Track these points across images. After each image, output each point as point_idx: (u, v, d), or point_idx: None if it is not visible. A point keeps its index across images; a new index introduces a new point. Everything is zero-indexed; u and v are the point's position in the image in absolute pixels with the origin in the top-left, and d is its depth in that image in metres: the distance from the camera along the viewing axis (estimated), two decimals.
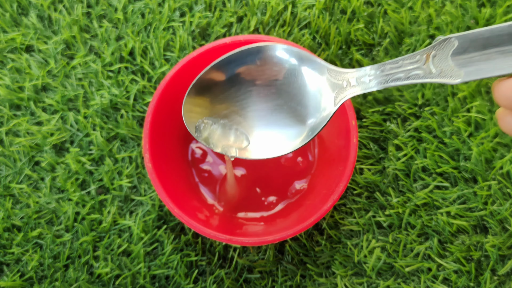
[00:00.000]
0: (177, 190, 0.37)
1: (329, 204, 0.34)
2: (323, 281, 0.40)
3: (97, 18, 0.47)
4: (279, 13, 0.47)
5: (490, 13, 0.45)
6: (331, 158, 0.39)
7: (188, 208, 0.36)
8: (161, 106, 0.37)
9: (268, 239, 0.34)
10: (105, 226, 0.41)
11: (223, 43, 0.38)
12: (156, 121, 0.37)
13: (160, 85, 0.37)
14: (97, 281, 0.41)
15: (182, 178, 0.40)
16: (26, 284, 0.41)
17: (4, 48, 0.47)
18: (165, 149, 0.38)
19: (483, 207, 0.41)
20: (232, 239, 0.34)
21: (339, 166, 0.36)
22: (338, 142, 0.38)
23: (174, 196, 0.36)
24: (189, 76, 0.38)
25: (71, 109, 0.45)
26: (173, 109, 0.39)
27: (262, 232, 0.37)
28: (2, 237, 0.42)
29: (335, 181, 0.35)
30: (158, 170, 0.36)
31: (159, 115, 0.37)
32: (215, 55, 0.37)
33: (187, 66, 0.38)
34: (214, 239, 0.34)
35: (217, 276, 0.40)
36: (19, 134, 0.44)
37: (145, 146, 0.36)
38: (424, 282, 0.39)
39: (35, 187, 0.43)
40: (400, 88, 0.44)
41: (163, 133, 0.38)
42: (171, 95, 0.38)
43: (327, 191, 0.35)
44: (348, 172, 0.34)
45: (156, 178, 0.35)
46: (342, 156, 0.36)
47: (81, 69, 0.46)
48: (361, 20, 0.46)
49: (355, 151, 0.35)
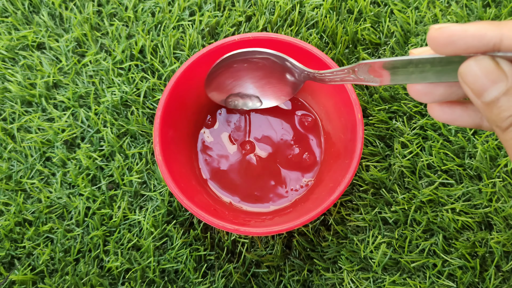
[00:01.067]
0: (186, 182, 0.38)
1: (336, 195, 0.34)
2: (330, 276, 0.41)
3: (107, 16, 0.48)
4: (287, 12, 0.47)
5: (495, 13, 0.46)
6: (338, 152, 0.40)
7: (197, 199, 0.37)
8: (172, 100, 0.38)
9: (275, 229, 0.34)
10: (115, 221, 0.42)
11: (232, 40, 0.38)
12: (167, 115, 0.38)
13: (171, 80, 0.38)
14: (107, 275, 0.41)
15: (191, 170, 0.41)
16: (37, 278, 0.41)
17: (16, 46, 0.47)
18: (174, 142, 0.39)
19: (487, 204, 0.41)
20: (240, 229, 0.34)
21: (345, 160, 0.37)
22: (344, 136, 0.39)
23: (183, 187, 0.36)
24: (200, 71, 0.39)
25: (82, 106, 0.46)
26: (183, 103, 0.40)
27: (269, 224, 0.37)
28: (14, 232, 0.42)
29: (342, 174, 0.36)
30: (167, 162, 0.36)
31: (169, 109, 0.38)
32: (225, 52, 0.38)
33: (198, 62, 0.38)
34: (222, 229, 0.34)
35: (226, 271, 0.41)
36: (30, 130, 0.45)
37: (155, 139, 0.36)
38: (429, 278, 0.40)
39: (46, 182, 0.44)
40: (405, 86, 0.45)
41: (173, 126, 0.39)
42: (182, 89, 0.39)
43: (334, 184, 0.36)
44: (355, 165, 0.35)
45: (166, 169, 0.36)
46: (348, 149, 0.37)
47: (92, 67, 0.46)
48: (367, 20, 0.47)
49: (361, 144, 0.35)
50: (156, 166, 0.44)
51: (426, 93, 0.25)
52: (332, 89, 0.40)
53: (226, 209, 0.40)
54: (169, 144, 0.38)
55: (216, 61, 0.37)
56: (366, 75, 0.28)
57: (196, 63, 0.39)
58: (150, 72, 0.46)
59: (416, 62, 0.24)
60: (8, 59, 0.47)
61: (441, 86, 0.25)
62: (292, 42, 0.39)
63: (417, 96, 0.26)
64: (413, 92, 0.26)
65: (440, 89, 0.25)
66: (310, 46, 0.39)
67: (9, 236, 0.42)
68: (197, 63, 0.39)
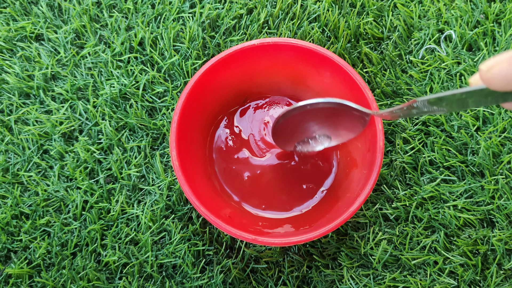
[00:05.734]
0: (201, 188, 0.37)
1: (356, 206, 0.33)
2: (329, 273, 0.40)
3: (107, 8, 0.47)
4: (289, 5, 0.47)
5: (500, 8, 0.45)
6: (354, 161, 0.39)
7: (212, 206, 0.36)
8: (188, 105, 0.37)
9: (293, 240, 0.33)
10: (113, 215, 0.42)
11: (251, 45, 0.37)
12: (183, 120, 0.36)
13: (186, 87, 0.37)
14: (104, 269, 0.41)
15: (206, 175, 0.40)
16: (33, 272, 0.41)
17: (14, 37, 0.47)
18: (190, 147, 0.38)
19: (490, 201, 0.41)
20: (257, 239, 0.33)
21: (363, 169, 0.36)
22: (362, 146, 0.38)
23: (199, 194, 0.35)
24: (217, 75, 0.38)
25: (80, 98, 0.45)
26: (200, 109, 0.39)
27: (285, 233, 0.36)
28: (10, 225, 0.42)
29: (360, 185, 0.34)
30: (184, 168, 0.35)
31: (186, 114, 0.37)
32: (243, 56, 0.37)
33: (216, 66, 0.37)
34: (240, 238, 0.33)
35: (224, 266, 0.41)
36: (28, 123, 0.45)
37: (172, 144, 0.35)
38: (430, 275, 0.40)
39: (43, 175, 0.43)
40: (408, 82, 0.44)
41: (189, 132, 0.38)
42: (198, 94, 0.38)
43: (351, 194, 0.35)
44: (374, 176, 0.34)
45: (183, 177, 0.34)
46: (366, 160, 0.36)
47: (90, 59, 0.46)
48: (370, 14, 0.46)
49: (381, 155, 0.34)
50: (155, 160, 0.43)
51: None
52: (352, 99, 0.38)
53: (240, 214, 0.39)
54: (184, 148, 0.37)
55: (280, 115, 0.35)
56: (427, 107, 0.27)
57: (215, 67, 0.37)
58: (150, 65, 0.46)
59: (465, 96, 0.24)
60: (6, 50, 0.47)
61: None
62: (315, 50, 0.37)
63: None
64: None
65: None
66: (337, 58, 0.37)
67: (6, 229, 0.42)
68: (215, 66, 0.37)
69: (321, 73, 0.39)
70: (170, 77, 0.45)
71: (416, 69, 0.45)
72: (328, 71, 0.38)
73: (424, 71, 0.45)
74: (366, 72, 0.45)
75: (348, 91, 0.37)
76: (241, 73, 0.40)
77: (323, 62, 0.37)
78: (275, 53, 0.38)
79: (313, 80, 0.40)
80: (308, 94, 0.42)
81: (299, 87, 0.42)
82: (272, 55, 0.38)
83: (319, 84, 0.40)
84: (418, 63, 0.45)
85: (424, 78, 0.44)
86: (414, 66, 0.45)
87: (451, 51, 0.44)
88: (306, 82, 0.41)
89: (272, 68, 0.40)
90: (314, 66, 0.38)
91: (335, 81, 0.38)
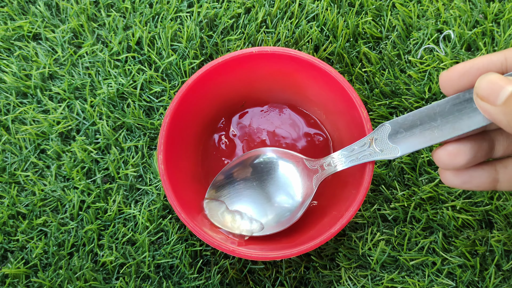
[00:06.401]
0: (188, 194, 0.37)
1: (337, 227, 0.33)
2: (327, 273, 0.40)
3: (104, 7, 0.47)
4: (287, 4, 0.47)
5: (499, 7, 0.45)
6: (345, 178, 0.38)
7: (197, 212, 0.36)
8: (180, 110, 0.36)
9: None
10: (110, 215, 0.41)
11: (249, 52, 0.37)
12: (174, 124, 0.36)
13: (180, 90, 0.36)
14: (101, 270, 0.41)
15: (196, 179, 0.40)
16: (30, 272, 0.41)
17: (11, 36, 0.47)
18: (180, 151, 0.38)
19: (488, 202, 0.41)
20: (235, 250, 0.33)
21: (352, 190, 0.35)
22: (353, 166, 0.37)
23: (183, 200, 0.35)
24: (213, 80, 0.38)
25: (78, 98, 0.45)
26: (193, 113, 0.38)
27: (266, 246, 0.36)
28: (7, 224, 0.42)
29: (346, 204, 0.34)
30: (170, 173, 0.35)
31: (177, 118, 0.36)
32: (240, 63, 0.37)
33: (210, 72, 0.37)
34: (219, 249, 0.33)
35: (222, 267, 0.40)
36: (25, 122, 0.44)
37: (159, 147, 0.35)
38: (428, 276, 0.39)
39: (40, 175, 0.43)
40: (407, 81, 0.44)
41: (180, 135, 0.38)
42: (191, 100, 0.37)
43: (337, 212, 0.35)
44: (361, 197, 0.33)
45: (168, 181, 0.34)
46: (356, 178, 0.35)
47: (88, 58, 0.46)
48: (369, 13, 0.46)
49: (370, 177, 0.33)
50: (152, 160, 0.43)
51: (457, 152, 0.27)
52: (348, 116, 0.38)
53: None
54: (173, 153, 0.37)
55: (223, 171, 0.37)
56: (384, 145, 0.29)
57: (210, 72, 0.37)
58: (147, 64, 0.46)
59: (424, 115, 0.27)
60: (3, 49, 0.47)
61: (468, 142, 0.27)
62: (314, 63, 0.36)
63: (449, 159, 0.27)
64: (444, 156, 0.27)
65: (468, 145, 0.27)
66: (335, 73, 0.36)
67: (2, 229, 0.41)
68: (211, 72, 0.37)
69: (319, 86, 0.38)
70: (168, 77, 0.45)
71: (414, 69, 0.44)
72: (326, 85, 0.37)
73: (423, 71, 0.44)
74: (364, 72, 0.45)
75: (345, 108, 0.37)
76: (238, 79, 0.39)
77: (321, 75, 0.37)
78: (274, 61, 0.38)
79: (312, 92, 0.40)
80: (308, 104, 0.42)
81: (298, 96, 0.41)
82: (272, 63, 0.38)
83: (318, 96, 0.40)
84: (416, 63, 0.45)
85: (423, 78, 0.44)
86: (413, 66, 0.45)
87: (450, 51, 0.44)
88: (305, 92, 0.40)
89: (271, 76, 0.39)
90: (313, 78, 0.38)
91: (332, 96, 0.38)
